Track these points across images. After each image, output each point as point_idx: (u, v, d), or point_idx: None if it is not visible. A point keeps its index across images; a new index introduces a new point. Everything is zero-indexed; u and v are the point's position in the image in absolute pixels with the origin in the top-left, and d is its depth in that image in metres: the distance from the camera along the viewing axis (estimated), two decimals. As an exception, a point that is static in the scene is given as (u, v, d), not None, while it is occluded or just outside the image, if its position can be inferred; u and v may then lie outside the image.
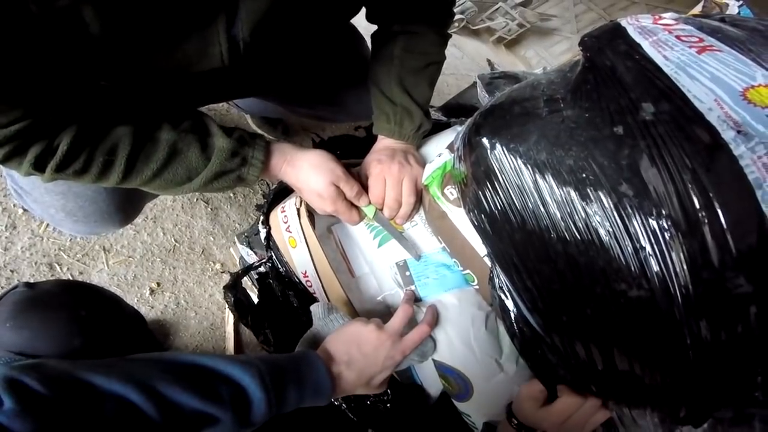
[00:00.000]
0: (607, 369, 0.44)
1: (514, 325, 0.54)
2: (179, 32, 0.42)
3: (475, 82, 0.86)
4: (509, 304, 0.54)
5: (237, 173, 0.53)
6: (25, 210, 0.83)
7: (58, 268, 0.81)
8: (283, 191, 0.73)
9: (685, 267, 0.33)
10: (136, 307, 0.85)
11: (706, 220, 0.30)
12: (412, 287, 0.67)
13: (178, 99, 0.57)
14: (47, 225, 0.84)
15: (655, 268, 0.34)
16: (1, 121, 0.38)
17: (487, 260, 0.58)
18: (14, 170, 0.44)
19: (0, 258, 0.78)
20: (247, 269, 0.75)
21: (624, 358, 0.41)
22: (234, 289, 0.77)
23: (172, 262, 0.92)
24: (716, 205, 0.29)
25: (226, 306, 0.92)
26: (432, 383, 0.72)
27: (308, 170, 0.57)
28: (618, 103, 0.33)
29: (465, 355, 0.66)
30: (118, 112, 0.46)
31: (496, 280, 0.54)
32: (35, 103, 0.40)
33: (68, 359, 0.40)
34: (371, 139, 0.70)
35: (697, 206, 0.30)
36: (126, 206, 0.59)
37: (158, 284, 0.89)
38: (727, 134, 0.27)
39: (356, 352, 0.51)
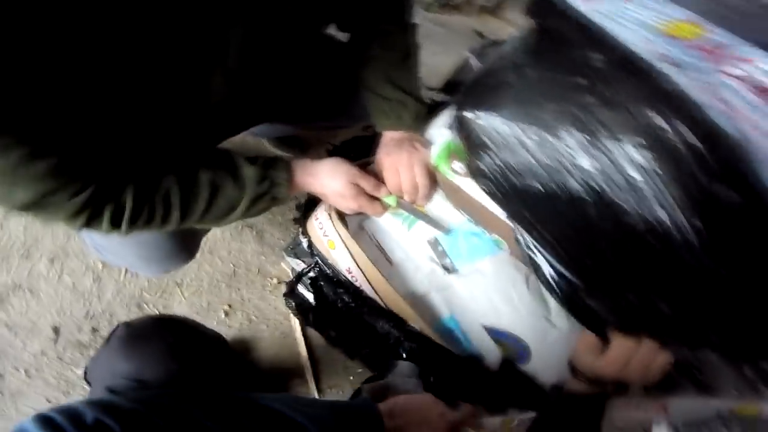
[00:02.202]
0: (642, 306, 0.45)
1: (548, 279, 0.57)
2: (180, 75, 0.47)
3: (468, 57, 0.88)
4: (539, 259, 0.56)
5: (270, 195, 0.60)
6: (104, 264, 0.97)
7: (145, 306, 0.95)
8: (313, 201, 0.79)
9: (678, 189, 0.35)
10: (216, 330, 0.97)
11: (680, 142, 0.32)
12: (447, 260, 0.71)
13: (200, 141, 0.64)
14: (126, 272, 0.97)
15: (650, 196, 0.36)
16: (69, 192, 0.45)
17: (509, 222, 0.61)
18: (97, 231, 0.52)
19: (97, 306, 0.93)
20: (298, 276, 0.83)
21: (649, 292, 0.42)
22: (292, 295, 0.85)
23: (236, 285, 1.03)
24: (682, 127, 0.31)
25: (291, 313, 1.01)
26: (488, 351, 0.74)
27: (326, 177, 0.63)
28: (572, 58, 0.36)
29: (512, 316, 0.69)
30: (159, 164, 0.53)
31: (521, 239, 0.57)
32: (91, 171, 0.46)
33: (169, 384, 0.50)
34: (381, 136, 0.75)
35: (669, 132, 0.32)
36: (187, 244, 0.69)
37: (230, 306, 1.01)
38: (665, 67, 0.29)
39: (408, 422, 0.54)
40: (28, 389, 0.83)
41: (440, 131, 0.72)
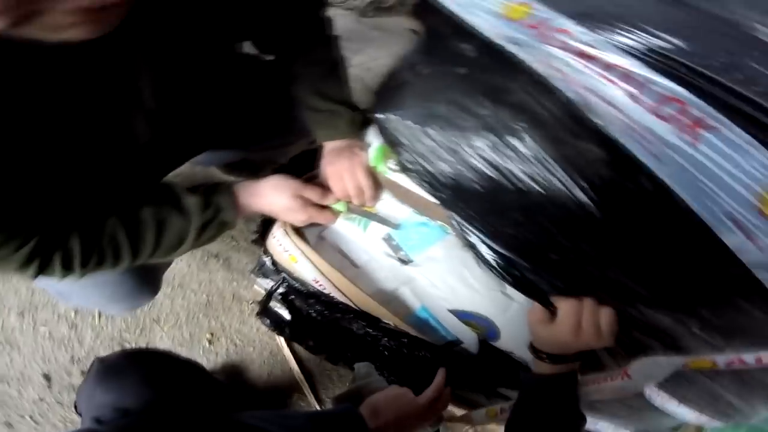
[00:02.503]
0: (569, 267, 0.48)
1: (485, 256, 0.59)
2: (99, 123, 0.48)
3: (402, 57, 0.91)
4: (472, 238, 0.59)
5: (217, 220, 0.61)
6: (76, 311, 0.99)
7: (127, 345, 0.97)
8: (270, 220, 0.82)
9: (554, 151, 0.38)
10: (204, 358, 0.99)
11: (542, 109, 0.36)
12: (402, 253, 0.74)
13: (140, 179, 0.64)
14: (100, 316, 0.99)
15: (534, 160, 0.39)
16: (13, 247, 0.47)
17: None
18: (52, 278, 0.53)
19: (80, 350, 0.95)
20: (268, 295, 0.85)
21: (568, 251, 0.45)
22: (265, 314, 0.87)
23: (213, 314, 1.05)
24: (538, 97, 0.34)
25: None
26: (463, 334, 0.77)
27: (271, 194, 0.65)
28: (451, 51, 0.39)
29: (471, 295, 0.72)
30: (100, 207, 0.54)
31: (454, 222, 0.60)
32: (30, 222, 0.47)
33: (149, 411, 0.52)
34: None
35: (531, 102, 0.36)
36: (148, 280, 0.71)
37: (212, 334, 1.02)
38: (510, 47, 0.33)
39: (393, 415, 0.59)
40: (38, 434, 0.85)
41: (376, 133, 0.75)
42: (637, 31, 0.30)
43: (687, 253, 0.39)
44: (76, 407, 0.60)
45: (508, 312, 0.73)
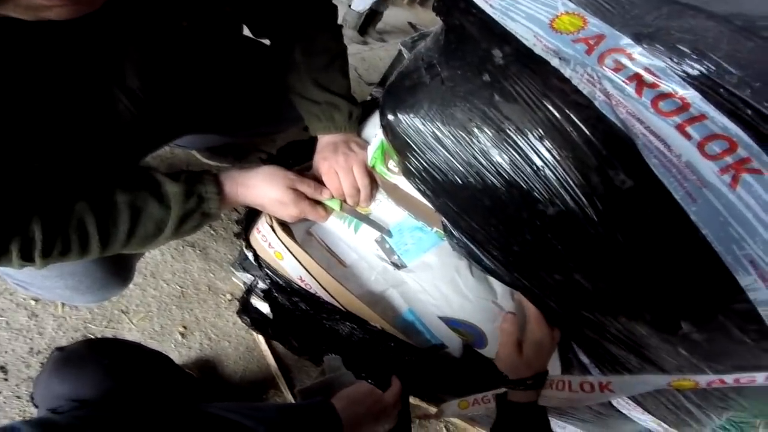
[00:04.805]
0: (567, 283, 0.47)
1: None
2: (77, 98, 0.45)
3: (400, 50, 0.88)
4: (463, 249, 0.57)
5: (199, 211, 0.56)
6: (36, 300, 0.91)
7: (91, 337, 0.90)
8: (254, 213, 0.77)
9: (577, 175, 0.36)
10: (176, 352, 0.94)
11: (574, 131, 0.34)
12: (395, 257, 0.72)
13: (119, 159, 0.59)
14: (63, 305, 0.92)
15: (555, 182, 0.38)
16: None
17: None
18: (8, 267, 0.48)
19: (40, 342, 0.87)
20: (249, 291, 0.81)
21: (570, 269, 0.45)
22: (246, 311, 0.83)
23: (187, 306, 0.99)
24: (574, 118, 0.32)
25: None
26: (449, 340, 0.76)
27: (262, 185, 0.61)
28: (476, 55, 0.36)
29: (462, 304, 0.71)
30: (69, 188, 0.49)
31: (450, 233, 0.58)
32: None
33: (110, 402, 0.50)
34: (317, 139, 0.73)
35: (563, 122, 0.34)
36: (119, 270, 0.65)
37: (185, 327, 0.97)
38: (554, 61, 0.30)
39: (365, 409, 0.59)
40: (-6, 429, 0.78)
41: (376, 130, 0.72)
42: (704, 61, 0.28)
43: (695, 283, 0.38)
44: (32, 398, 0.56)
45: (497, 321, 0.73)
